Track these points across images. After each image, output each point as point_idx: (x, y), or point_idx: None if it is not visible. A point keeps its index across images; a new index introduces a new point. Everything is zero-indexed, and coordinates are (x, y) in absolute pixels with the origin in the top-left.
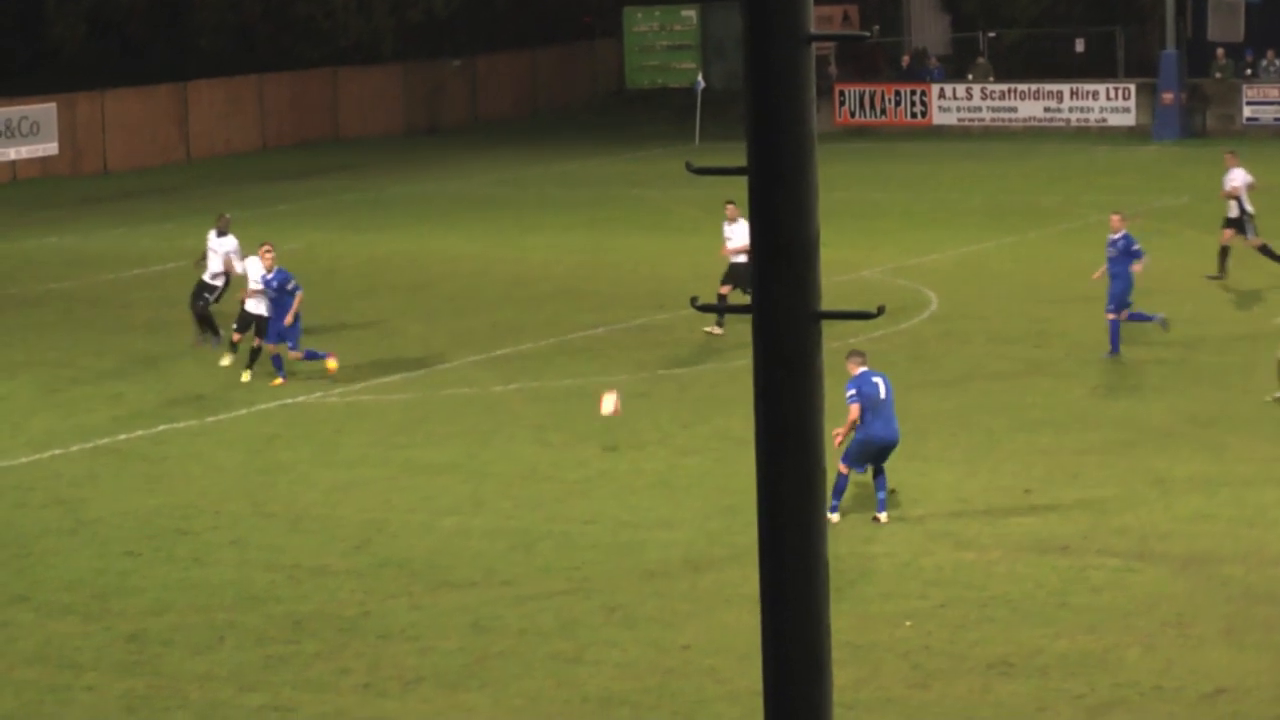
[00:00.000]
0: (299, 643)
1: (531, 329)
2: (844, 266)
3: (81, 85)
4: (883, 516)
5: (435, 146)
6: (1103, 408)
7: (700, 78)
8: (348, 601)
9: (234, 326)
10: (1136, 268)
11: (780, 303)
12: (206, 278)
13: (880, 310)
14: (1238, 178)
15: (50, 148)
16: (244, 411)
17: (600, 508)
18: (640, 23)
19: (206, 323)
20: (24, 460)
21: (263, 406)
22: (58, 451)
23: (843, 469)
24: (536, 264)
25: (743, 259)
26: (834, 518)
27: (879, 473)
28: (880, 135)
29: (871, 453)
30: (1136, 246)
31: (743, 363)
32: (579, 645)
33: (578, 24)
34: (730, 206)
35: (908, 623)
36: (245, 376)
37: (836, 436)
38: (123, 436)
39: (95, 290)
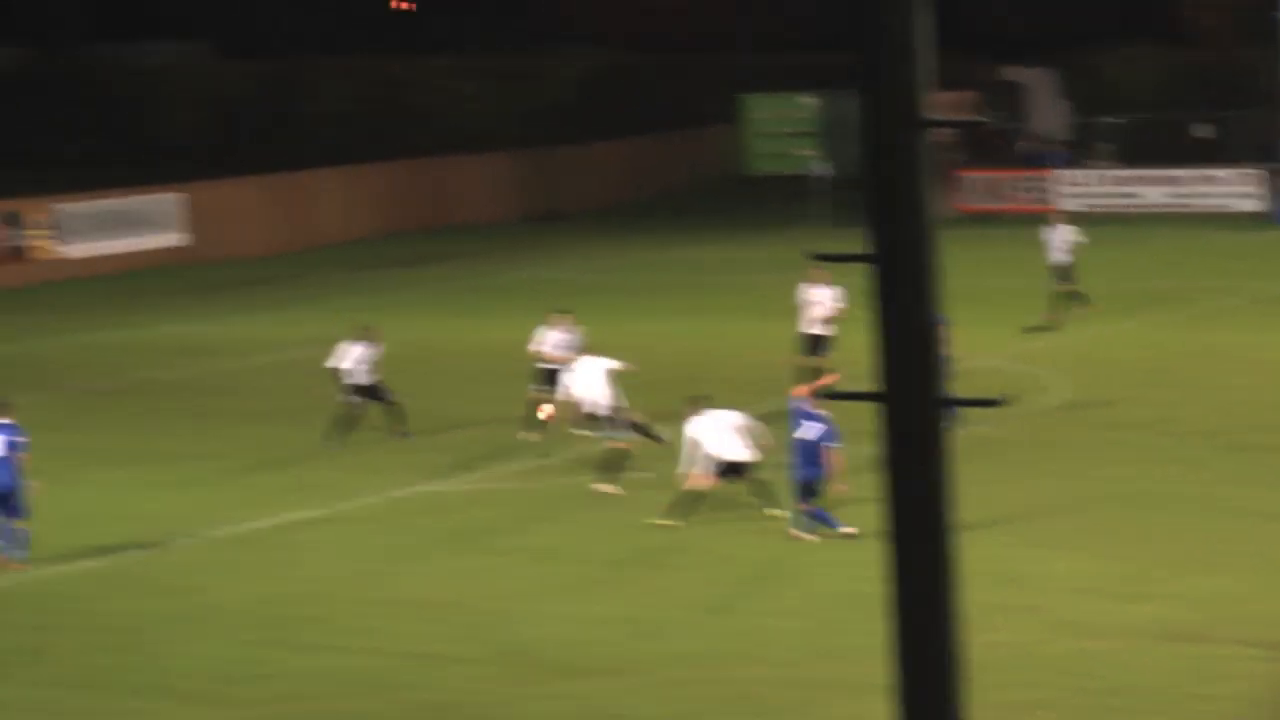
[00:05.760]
0: None
1: (650, 416)
2: (965, 351)
3: (203, 175)
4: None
5: (551, 233)
6: (1230, 494)
7: (820, 163)
8: (478, 689)
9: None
10: None
11: (905, 389)
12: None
13: (1006, 398)
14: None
15: (173, 237)
16: (371, 499)
17: (727, 594)
18: (759, 109)
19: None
20: (153, 548)
21: (393, 494)
22: (190, 540)
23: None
24: (652, 350)
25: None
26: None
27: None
28: (1001, 221)
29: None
30: None
31: (872, 449)
32: None
33: (695, 110)
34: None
35: (1039, 711)
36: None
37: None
38: (250, 524)
39: (218, 378)
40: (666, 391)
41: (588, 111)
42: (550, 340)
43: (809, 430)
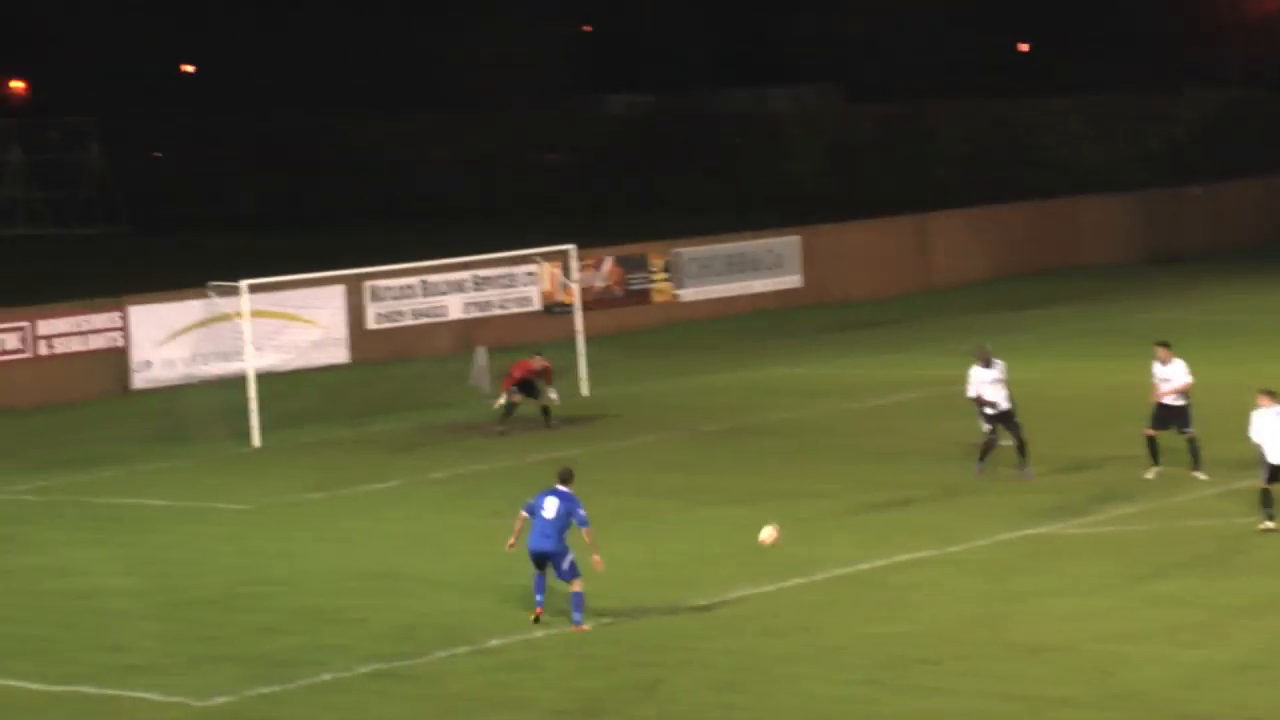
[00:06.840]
0: None
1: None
2: None
3: (823, 217)
4: None
5: (1176, 274)
6: None
7: None
8: None
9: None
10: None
11: None
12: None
13: None
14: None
15: (793, 279)
16: (983, 541)
17: None
18: None
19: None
20: (768, 588)
21: (1002, 537)
22: (800, 580)
23: None
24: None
25: (1177, 401)
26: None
27: None
28: None
29: None
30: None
31: None
32: None
33: None
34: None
35: None
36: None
37: None
38: (863, 565)
39: (833, 419)
40: None
41: (1210, 151)
42: (1160, 374)
43: None
